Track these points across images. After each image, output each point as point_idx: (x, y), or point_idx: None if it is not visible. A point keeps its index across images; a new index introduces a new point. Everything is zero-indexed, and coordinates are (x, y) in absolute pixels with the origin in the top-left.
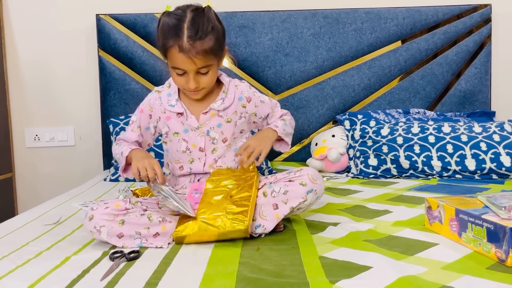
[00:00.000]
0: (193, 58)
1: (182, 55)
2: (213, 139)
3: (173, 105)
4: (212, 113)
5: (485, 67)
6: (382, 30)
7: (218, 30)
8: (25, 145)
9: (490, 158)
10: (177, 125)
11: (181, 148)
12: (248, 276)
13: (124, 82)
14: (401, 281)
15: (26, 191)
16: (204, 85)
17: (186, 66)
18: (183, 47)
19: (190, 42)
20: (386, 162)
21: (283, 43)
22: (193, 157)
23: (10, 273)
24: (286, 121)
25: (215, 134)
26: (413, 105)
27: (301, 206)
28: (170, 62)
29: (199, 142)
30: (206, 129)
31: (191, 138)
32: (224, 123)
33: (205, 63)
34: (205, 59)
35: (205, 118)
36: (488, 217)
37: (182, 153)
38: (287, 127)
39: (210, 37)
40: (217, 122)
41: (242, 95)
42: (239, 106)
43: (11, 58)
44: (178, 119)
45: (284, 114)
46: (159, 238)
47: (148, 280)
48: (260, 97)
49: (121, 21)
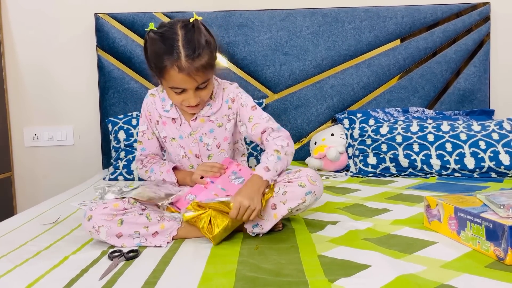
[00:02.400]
0: (194, 76)
1: (182, 75)
2: (207, 145)
3: (167, 111)
4: (201, 119)
5: (484, 66)
6: (381, 28)
7: (211, 43)
8: (24, 144)
9: (489, 156)
10: (173, 131)
11: (180, 154)
12: (247, 275)
13: (123, 81)
14: (400, 280)
15: (25, 191)
16: (203, 98)
17: (187, 84)
18: (183, 67)
19: (189, 61)
20: (385, 160)
21: (282, 41)
22: (192, 163)
23: (8, 272)
24: (280, 153)
25: (208, 140)
26: (412, 103)
27: (299, 207)
28: (167, 83)
29: (193, 148)
30: (198, 135)
31: (186, 145)
32: (216, 128)
33: (205, 78)
34: (205, 74)
35: (196, 124)
36: (487, 216)
37: (182, 158)
38: (279, 164)
39: (206, 52)
40: (209, 127)
41: (228, 97)
42: (226, 108)
43: (10, 57)
44: (173, 124)
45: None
46: (158, 237)
47: (147, 279)
48: (243, 100)
49: (120, 20)
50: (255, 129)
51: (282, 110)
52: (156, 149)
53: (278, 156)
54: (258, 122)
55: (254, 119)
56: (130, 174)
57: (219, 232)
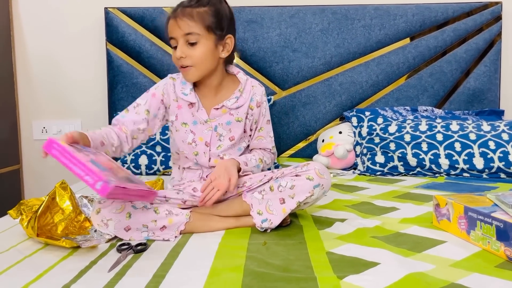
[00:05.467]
0: (178, 21)
1: (172, 20)
2: (220, 136)
3: (186, 94)
4: (223, 110)
5: (495, 65)
6: (391, 26)
7: (219, 8)
8: (32, 137)
9: (499, 157)
10: (186, 116)
11: (187, 140)
12: (256, 270)
13: (132, 76)
14: (409, 278)
15: (33, 183)
16: (192, 59)
17: (174, 32)
18: (174, 14)
19: (181, 8)
20: (393, 159)
21: (291, 38)
22: (197, 150)
23: (18, 263)
24: (261, 164)
25: (222, 130)
26: (421, 102)
27: (308, 201)
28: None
29: (206, 136)
30: (214, 124)
31: (198, 131)
32: (234, 121)
33: (190, 29)
34: (191, 23)
35: (216, 113)
36: (497, 215)
37: (187, 144)
38: (255, 169)
39: (204, 9)
40: (227, 119)
41: (255, 98)
42: (248, 106)
43: (20, 50)
44: (189, 109)
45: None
46: (166, 231)
47: (155, 272)
48: (265, 110)
49: (129, 14)
50: (258, 140)
51: (290, 107)
52: (132, 125)
53: (258, 165)
54: (264, 137)
55: (263, 132)
56: (137, 168)
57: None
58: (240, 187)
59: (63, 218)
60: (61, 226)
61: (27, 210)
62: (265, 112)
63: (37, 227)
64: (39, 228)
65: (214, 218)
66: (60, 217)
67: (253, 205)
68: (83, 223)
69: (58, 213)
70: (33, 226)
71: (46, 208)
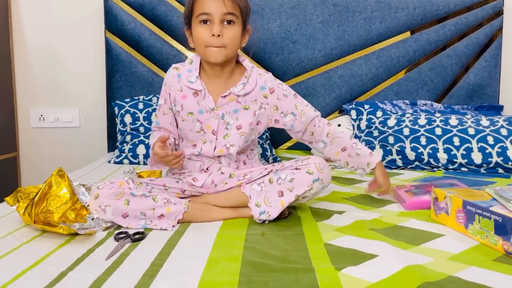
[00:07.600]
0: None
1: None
2: (227, 124)
3: (192, 82)
4: (231, 98)
5: (495, 61)
6: (392, 20)
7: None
8: (30, 125)
9: (497, 152)
10: (192, 105)
11: (196, 128)
12: (254, 260)
13: (130, 65)
14: (407, 270)
15: (30, 171)
16: (226, 40)
17: (213, 8)
18: None
19: None
20: (391, 153)
21: (292, 30)
22: (206, 138)
23: (15, 250)
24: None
25: (229, 119)
26: (421, 96)
27: (306, 195)
28: (196, 11)
29: (213, 124)
30: (221, 112)
31: (205, 119)
32: (241, 109)
33: (233, 9)
34: (234, 4)
35: (223, 101)
36: (496, 209)
37: (196, 133)
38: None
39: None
40: (234, 107)
41: (265, 85)
42: (260, 95)
43: (17, 37)
44: (194, 98)
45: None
46: (164, 220)
47: (153, 261)
48: (285, 90)
49: (129, 3)
50: (304, 115)
51: None
52: (170, 126)
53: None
54: (304, 109)
55: (299, 106)
56: (135, 158)
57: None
58: (240, 179)
59: (60, 206)
60: (58, 213)
61: (24, 197)
62: (286, 91)
63: (34, 214)
64: (36, 215)
65: (213, 208)
66: (57, 204)
67: (251, 196)
68: (80, 211)
69: (55, 201)
70: (30, 213)
71: (43, 195)
